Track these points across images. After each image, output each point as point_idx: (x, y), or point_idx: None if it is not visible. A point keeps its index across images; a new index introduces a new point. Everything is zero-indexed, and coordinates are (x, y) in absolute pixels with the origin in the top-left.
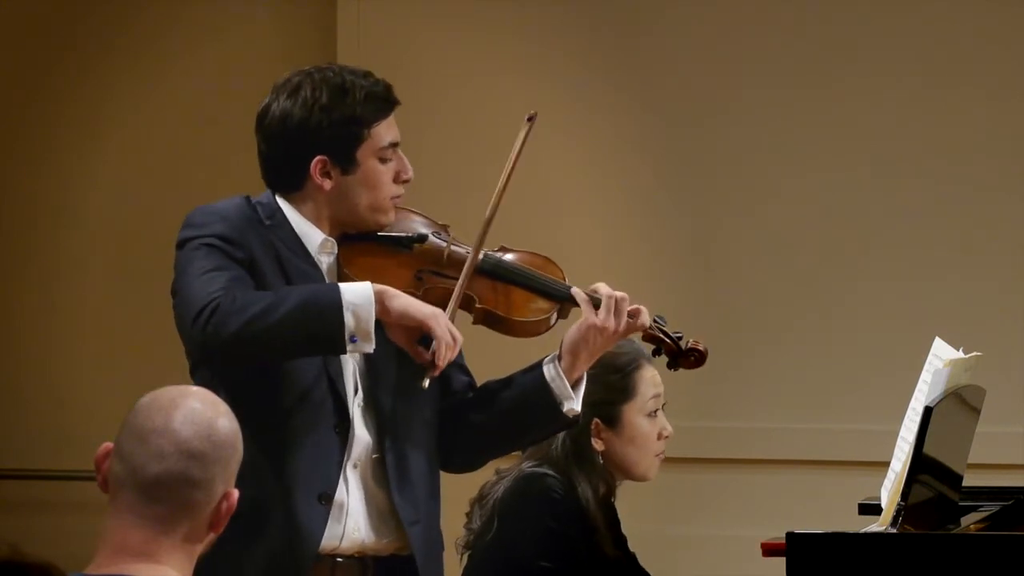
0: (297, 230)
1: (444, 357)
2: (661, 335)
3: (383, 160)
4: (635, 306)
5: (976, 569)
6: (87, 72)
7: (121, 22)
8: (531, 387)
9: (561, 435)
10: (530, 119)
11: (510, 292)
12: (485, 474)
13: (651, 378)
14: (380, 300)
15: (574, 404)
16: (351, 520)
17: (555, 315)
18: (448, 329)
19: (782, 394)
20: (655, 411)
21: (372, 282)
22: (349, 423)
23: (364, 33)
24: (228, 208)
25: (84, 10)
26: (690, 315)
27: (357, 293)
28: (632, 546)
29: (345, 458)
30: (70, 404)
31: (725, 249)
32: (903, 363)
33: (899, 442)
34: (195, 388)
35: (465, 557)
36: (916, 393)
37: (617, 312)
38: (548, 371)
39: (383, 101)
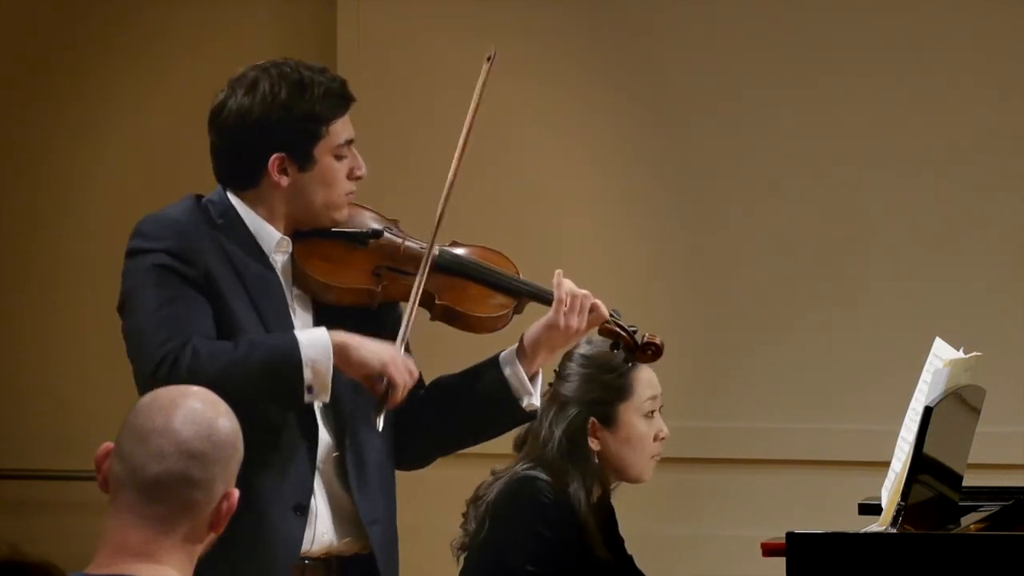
0: (251, 228)
1: (398, 398)
2: (618, 329)
3: (339, 157)
4: (593, 301)
5: (976, 569)
6: (87, 72)
7: (121, 22)
8: (489, 384)
9: (557, 435)
10: (489, 58)
11: (468, 288)
12: (482, 474)
13: (648, 379)
14: (339, 352)
15: (533, 399)
16: (320, 523)
17: (512, 310)
18: (404, 370)
19: (782, 394)
20: (652, 412)
21: (331, 276)
22: (316, 427)
23: (364, 33)
24: (179, 215)
25: (84, 10)
26: (690, 315)
27: (316, 348)
28: (632, 546)
29: (314, 465)
30: (70, 404)
31: (725, 249)
32: (903, 363)
33: (899, 442)
34: (195, 388)
35: (462, 559)
36: (916, 393)
37: (581, 310)
38: (506, 367)
39: (340, 98)
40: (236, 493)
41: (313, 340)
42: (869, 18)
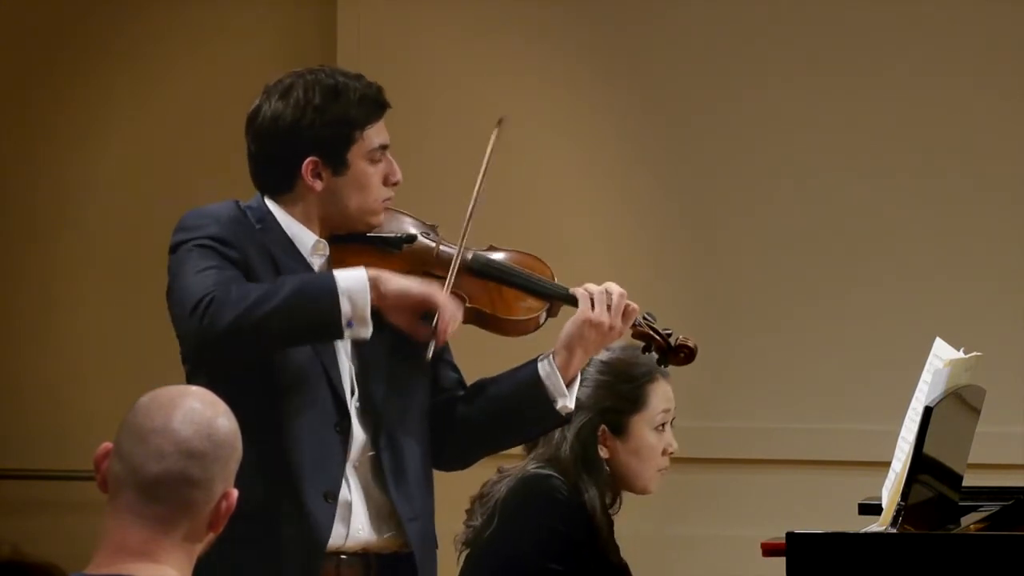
0: (288, 232)
1: (449, 327)
2: (651, 331)
3: (373, 162)
4: (628, 302)
5: (976, 569)
6: (87, 73)
7: (121, 22)
8: (525, 384)
9: (569, 439)
10: (499, 124)
11: (500, 291)
12: (486, 472)
13: (663, 392)
14: (375, 285)
15: (568, 401)
16: (355, 519)
17: (544, 314)
18: (449, 300)
19: (782, 394)
20: (663, 425)
21: None
22: (349, 422)
23: (364, 33)
24: (220, 211)
25: (84, 11)
26: (690, 315)
27: (352, 279)
28: (632, 546)
29: (347, 458)
30: (70, 404)
31: (725, 249)
32: (903, 363)
33: (899, 442)
34: (194, 388)
35: (463, 554)
36: (916, 393)
37: (614, 308)
38: (542, 367)
39: (375, 104)
40: (235, 493)
41: (349, 273)
42: (870, 18)
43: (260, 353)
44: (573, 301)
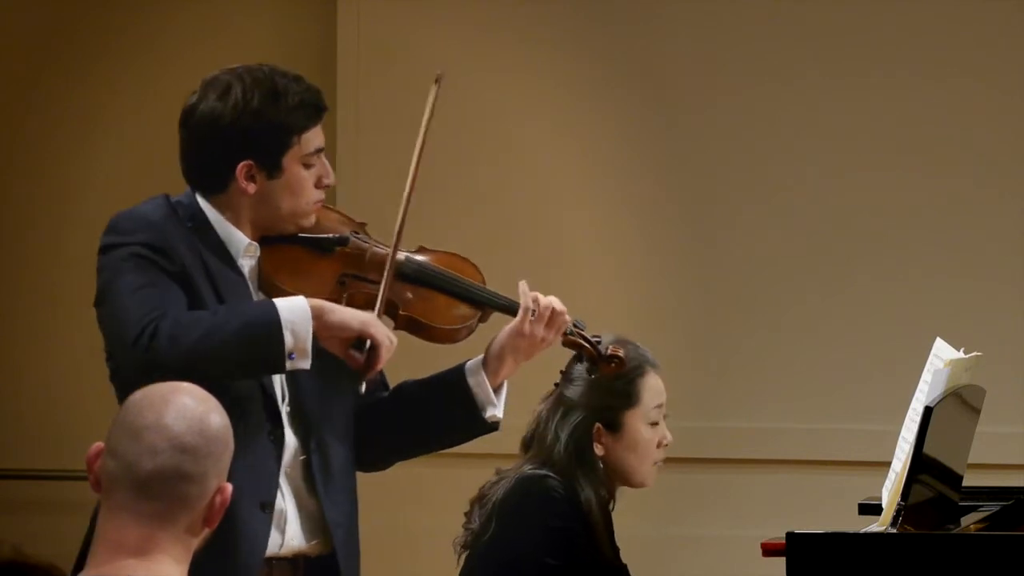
0: (220, 233)
1: (383, 359)
2: (581, 340)
3: (307, 166)
4: (557, 308)
5: (976, 569)
6: (87, 72)
7: (120, 22)
8: (453, 392)
9: (563, 439)
10: (437, 80)
11: (433, 298)
12: (485, 474)
13: (655, 386)
14: (317, 316)
15: (496, 411)
16: (289, 526)
17: (477, 320)
18: (386, 331)
19: (782, 394)
20: (656, 419)
21: (296, 286)
22: (282, 430)
23: (364, 33)
24: (152, 212)
25: (83, 10)
26: (690, 315)
27: (294, 311)
28: (632, 546)
29: (281, 464)
30: (69, 404)
31: (725, 249)
32: (903, 363)
33: (899, 442)
34: (186, 384)
35: (462, 557)
36: (917, 393)
37: (550, 321)
38: (472, 378)
39: (314, 108)
40: (229, 487)
41: (291, 305)
42: (870, 18)
43: (200, 382)
44: (507, 310)
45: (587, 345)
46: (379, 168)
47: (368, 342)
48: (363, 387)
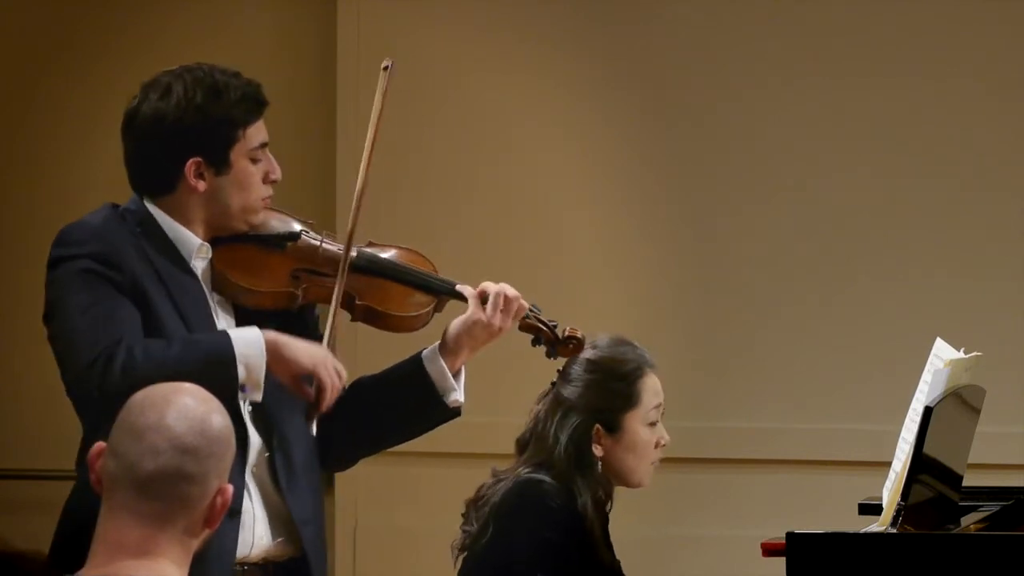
0: (170, 235)
1: (328, 400)
2: (538, 323)
3: (254, 161)
4: (510, 294)
5: (976, 569)
6: (87, 72)
7: (121, 22)
8: (410, 381)
9: (563, 441)
10: (385, 68)
11: (388, 288)
12: (482, 474)
13: (653, 387)
14: (272, 349)
15: (458, 395)
16: (258, 526)
17: (433, 308)
18: (334, 371)
19: (782, 394)
20: (655, 420)
21: (250, 282)
22: (246, 431)
23: (364, 33)
24: (99, 222)
25: (83, 10)
26: (689, 315)
27: (249, 344)
28: (632, 546)
29: (246, 463)
30: (70, 404)
31: (725, 248)
32: (903, 363)
33: (899, 442)
34: (187, 385)
35: (460, 559)
36: (917, 393)
37: (504, 308)
38: (430, 365)
39: (255, 102)
40: (230, 488)
41: (246, 338)
42: (870, 18)
43: None
44: (461, 297)
45: (544, 328)
46: (378, 167)
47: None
48: (313, 427)
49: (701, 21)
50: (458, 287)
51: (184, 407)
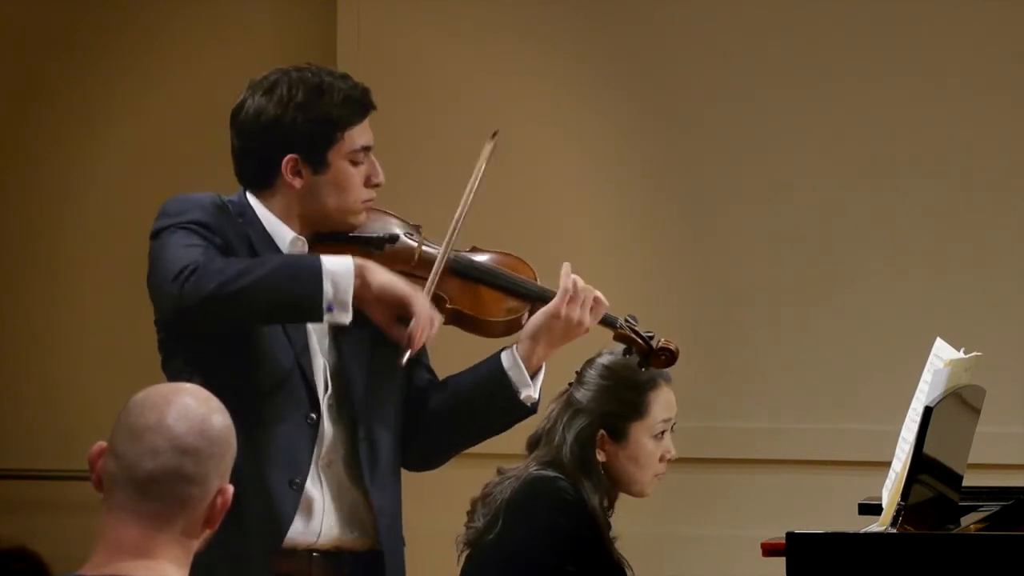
0: (267, 227)
1: (423, 334)
2: (632, 334)
3: (354, 163)
4: (597, 295)
5: (976, 569)
6: (87, 72)
7: (121, 22)
8: (488, 376)
9: (569, 441)
10: (493, 136)
11: (480, 292)
12: (485, 473)
13: (666, 400)
14: (360, 274)
15: (532, 391)
16: (327, 517)
17: (526, 315)
18: (428, 308)
19: (782, 394)
20: (662, 432)
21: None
22: (320, 416)
23: (364, 33)
24: (203, 199)
25: (83, 10)
26: (690, 315)
27: (338, 264)
28: (632, 546)
29: (316, 453)
30: (70, 404)
31: (725, 249)
32: (903, 363)
33: (899, 442)
34: (188, 385)
35: (463, 555)
36: (917, 393)
37: (584, 303)
38: (506, 359)
39: (359, 104)
40: (231, 489)
41: (335, 259)
42: (870, 18)
43: (237, 324)
44: None
45: (638, 339)
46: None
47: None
48: (403, 360)
49: (701, 21)
50: (552, 293)
51: (184, 407)
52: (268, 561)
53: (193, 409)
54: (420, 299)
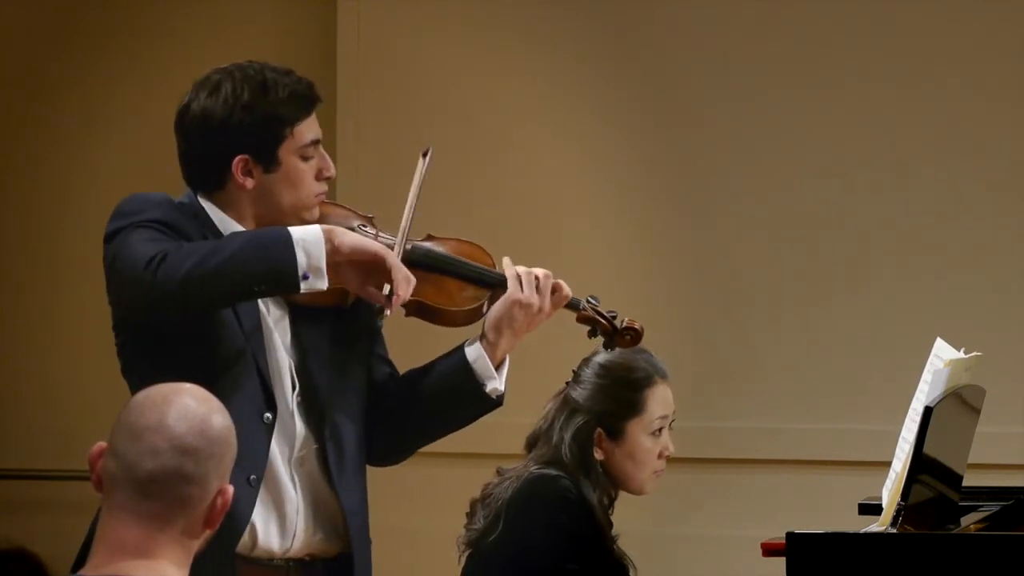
0: (222, 229)
1: (401, 289)
2: (596, 315)
3: (305, 158)
4: (556, 281)
5: (976, 569)
6: (87, 72)
7: (121, 22)
8: (452, 369)
9: (567, 439)
10: (424, 154)
11: (441, 281)
12: (485, 473)
13: (662, 397)
14: (330, 239)
15: (498, 384)
16: (301, 520)
17: (487, 303)
18: (401, 264)
19: (782, 394)
20: (660, 429)
21: (306, 295)
22: (276, 415)
23: (364, 33)
24: (159, 198)
25: (83, 10)
26: (690, 315)
27: (306, 231)
28: (632, 546)
29: (288, 453)
30: (70, 404)
31: (725, 249)
32: (904, 363)
33: (899, 442)
34: (188, 385)
35: (464, 556)
36: (917, 393)
37: (540, 288)
38: (470, 351)
39: (305, 99)
40: (231, 489)
41: (303, 228)
42: (871, 19)
43: (215, 304)
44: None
45: (602, 320)
46: (379, 168)
47: (385, 280)
48: (381, 319)
49: (701, 21)
50: (504, 265)
51: (184, 407)
52: (238, 567)
53: (193, 409)
54: (392, 255)
